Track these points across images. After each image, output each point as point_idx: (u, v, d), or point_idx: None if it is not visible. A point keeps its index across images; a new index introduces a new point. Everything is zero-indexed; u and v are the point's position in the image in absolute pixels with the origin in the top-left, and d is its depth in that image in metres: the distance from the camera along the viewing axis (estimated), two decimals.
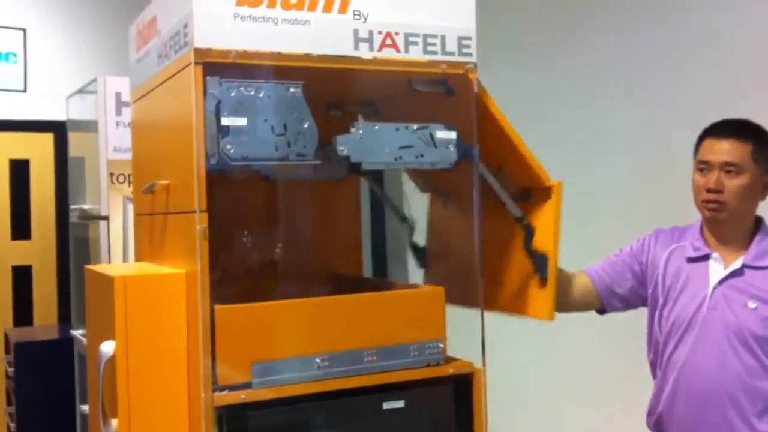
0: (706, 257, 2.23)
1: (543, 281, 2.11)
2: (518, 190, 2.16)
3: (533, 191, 2.14)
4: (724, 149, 2.17)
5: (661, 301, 2.28)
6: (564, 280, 2.33)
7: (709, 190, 2.18)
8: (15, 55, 5.58)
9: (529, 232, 2.13)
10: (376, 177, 2.44)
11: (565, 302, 2.33)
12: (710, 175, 2.18)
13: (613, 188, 3.61)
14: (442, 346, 1.90)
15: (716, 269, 2.21)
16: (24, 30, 5.60)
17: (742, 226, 2.22)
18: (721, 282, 2.18)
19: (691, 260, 2.26)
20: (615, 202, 3.58)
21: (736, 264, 2.19)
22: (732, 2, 3.05)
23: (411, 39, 1.87)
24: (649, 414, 2.33)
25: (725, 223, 2.21)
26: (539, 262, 2.10)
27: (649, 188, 3.39)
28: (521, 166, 2.07)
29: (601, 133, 3.66)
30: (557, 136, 3.77)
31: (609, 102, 3.58)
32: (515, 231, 2.16)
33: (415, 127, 1.90)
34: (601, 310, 2.44)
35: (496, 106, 1.98)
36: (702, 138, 2.24)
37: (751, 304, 2.13)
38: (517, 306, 2.19)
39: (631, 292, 2.37)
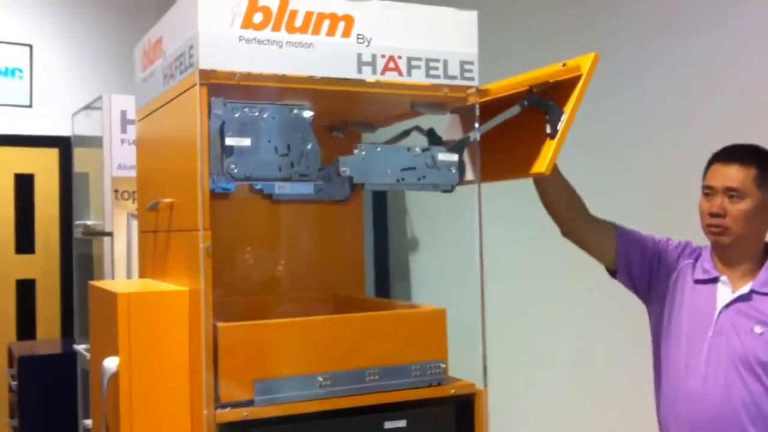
0: (714, 280, 2.24)
1: (552, 135, 1.97)
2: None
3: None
4: (727, 174, 2.19)
5: (664, 314, 2.29)
6: (584, 208, 2.36)
7: (712, 215, 2.20)
8: (21, 70, 5.63)
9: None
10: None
11: (575, 223, 2.36)
12: (714, 199, 2.20)
13: (621, 199, 3.61)
14: (443, 366, 1.91)
15: (724, 293, 2.21)
16: (30, 46, 5.64)
17: (748, 251, 2.23)
18: (727, 306, 2.19)
19: (698, 282, 2.27)
20: (622, 213, 3.59)
21: (744, 289, 2.19)
22: (750, 18, 3.06)
23: (413, 63, 1.89)
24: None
25: (730, 248, 2.22)
26: (554, 114, 1.96)
27: (658, 200, 3.39)
28: None
29: (608, 147, 3.67)
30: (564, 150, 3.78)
31: (616, 116, 3.60)
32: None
33: (417, 149, 1.92)
34: (613, 272, 2.42)
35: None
36: (710, 163, 2.27)
37: (758, 329, 2.13)
38: (516, 170, 2.08)
39: (642, 274, 2.36)
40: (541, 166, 1.95)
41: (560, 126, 1.93)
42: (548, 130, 1.95)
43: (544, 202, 2.34)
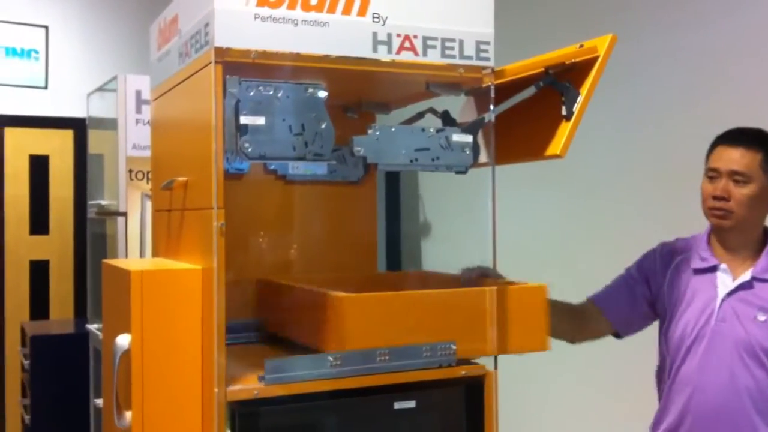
0: (713, 268, 2.23)
1: (568, 117, 1.95)
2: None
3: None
4: (733, 157, 2.17)
5: (668, 316, 2.27)
6: (578, 315, 2.36)
7: (715, 197, 2.18)
8: (37, 52, 5.64)
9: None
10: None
11: (579, 336, 2.37)
12: (718, 182, 2.18)
13: (625, 192, 3.61)
14: (454, 347, 1.91)
15: (724, 281, 2.20)
16: (46, 27, 5.65)
17: (749, 236, 2.22)
18: (729, 294, 2.18)
19: (697, 271, 2.25)
20: (626, 206, 3.59)
21: (745, 276, 2.18)
22: (753, 10, 3.05)
23: (429, 42, 1.88)
24: (654, 428, 2.33)
25: (731, 232, 2.20)
26: (570, 95, 1.94)
27: (662, 192, 3.39)
28: None
29: (613, 138, 3.66)
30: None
31: (623, 107, 3.59)
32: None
33: (432, 129, 1.91)
34: (617, 335, 2.43)
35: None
36: (714, 145, 2.24)
37: (761, 317, 2.12)
38: (531, 152, 2.07)
39: (644, 315, 2.37)
40: (555, 148, 1.93)
41: (576, 108, 1.92)
42: (564, 112, 1.93)
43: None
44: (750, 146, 2.16)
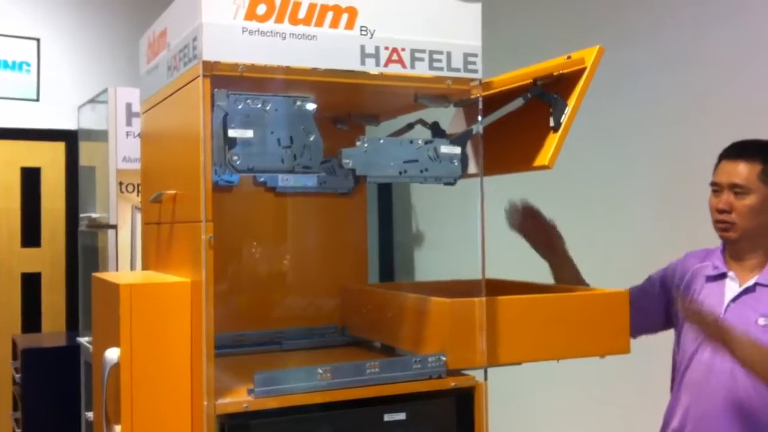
0: (722, 276, 2.29)
1: (556, 128, 1.97)
2: None
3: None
4: (732, 171, 2.23)
5: (680, 323, 2.33)
6: None
7: (719, 210, 2.24)
8: (28, 64, 5.64)
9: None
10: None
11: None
12: (721, 196, 2.24)
13: (633, 199, 3.61)
14: (444, 359, 1.91)
15: (731, 287, 2.26)
16: (38, 40, 5.65)
17: (757, 244, 2.26)
18: (734, 299, 2.23)
19: (709, 279, 2.31)
20: (634, 212, 3.59)
21: (750, 282, 2.23)
22: (750, 17, 3.06)
23: (417, 55, 1.89)
24: (663, 429, 2.35)
25: (737, 243, 2.26)
26: (557, 107, 1.96)
27: (671, 200, 3.39)
28: None
29: (619, 146, 3.66)
30: (571, 147, 3.77)
31: (624, 116, 3.59)
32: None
33: (420, 141, 1.92)
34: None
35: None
36: (719, 160, 2.31)
37: (762, 321, 2.17)
38: (519, 163, 2.08)
39: (666, 321, 2.41)
40: (544, 159, 1.94)
41: (564, 119, 1.93)
42: (552, 123, 1.94)
43: None
44: (750, 158, 2.22)
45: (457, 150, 1.94)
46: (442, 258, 4.79)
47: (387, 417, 1.85)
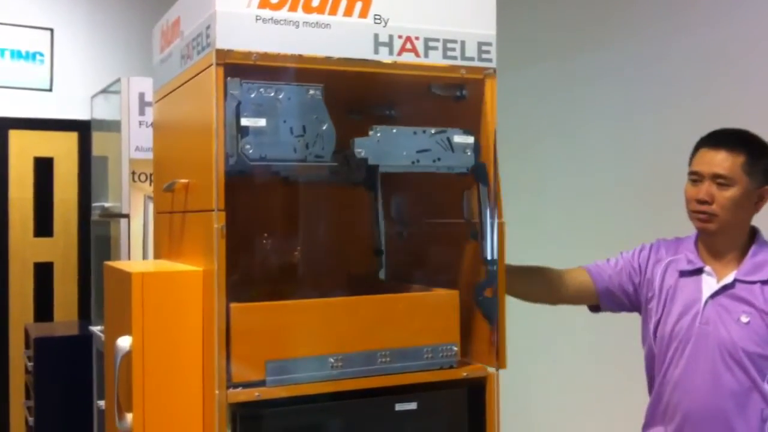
0: (699, 271, 2.22)
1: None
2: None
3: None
4: (715, 160, 2.15)
5: (657, 316, 2.26)
6: (556, 276, 2.35)
7: (699, 201, 2.16)
8: (42, 54, 5.64)
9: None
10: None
11: (559, 296, 2.36)
12: (701, 186, 2.16)
13: (621, 193, 3.61)
14: (455, 349, 1.90)
15: (709, 283, 2.20)
16: (51, 30, 5.66)
17: (734, 238, 2.20)
18: (713, 296, 2.17)
19: (684, 274, 2.24)
20: (622, 207, 3.59)
21: (729, 278, 2.17)
22: (751, 13, 3.05)
23: (431, 44, 1.88)
24: (645, 428, 2.32)
25: (716, 235, 2.19)
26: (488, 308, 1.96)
27: (662, 195, 3.38)
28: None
29: (613, 139, 3.66)
30: (570, 141, 3.77)
31: (625, 109, 3.58)
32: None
33: (432, 131, 1.91)
34: (595, 308, 2.43)
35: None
36: (696, 148, 2.23)
37: (744, 319, 2.12)
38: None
39: (627, 296, 2.36)
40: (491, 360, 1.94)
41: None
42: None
43: (526, 300, 2.36)
44: (732, 148, 2.14)
45: (471, 139, 1.93)
46: None
47: (398, 407, 1.85)
